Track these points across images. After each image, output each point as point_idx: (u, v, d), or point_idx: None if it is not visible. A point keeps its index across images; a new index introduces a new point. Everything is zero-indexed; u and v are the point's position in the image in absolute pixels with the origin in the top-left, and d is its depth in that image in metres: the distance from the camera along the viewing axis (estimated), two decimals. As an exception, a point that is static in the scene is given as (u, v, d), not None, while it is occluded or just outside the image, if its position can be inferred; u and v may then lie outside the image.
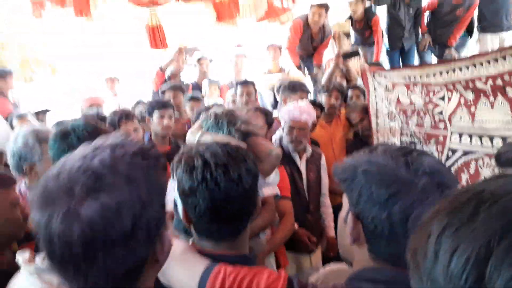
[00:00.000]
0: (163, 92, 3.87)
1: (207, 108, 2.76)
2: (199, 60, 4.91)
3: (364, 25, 5.14)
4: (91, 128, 1.62)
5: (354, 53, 3.89)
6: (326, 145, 3.46)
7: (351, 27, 5.17)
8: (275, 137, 2.83)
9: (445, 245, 0.43)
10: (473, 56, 2.35)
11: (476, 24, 5.30)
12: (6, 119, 3.72)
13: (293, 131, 2.62)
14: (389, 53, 5.45)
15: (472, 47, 5.60)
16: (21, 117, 3.59)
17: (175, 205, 1.15)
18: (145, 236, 0.68)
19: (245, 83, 3.73)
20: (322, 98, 3.50)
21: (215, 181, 1.01)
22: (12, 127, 3.49)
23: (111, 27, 4.77)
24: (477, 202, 0.43)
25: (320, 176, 2.81)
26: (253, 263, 1.11)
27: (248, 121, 1.70)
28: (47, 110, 4.21)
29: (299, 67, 5.10)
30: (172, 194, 1.11)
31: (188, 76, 5.12)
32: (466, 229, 0.42)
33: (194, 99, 3.89)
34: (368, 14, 5.12)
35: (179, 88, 3.90)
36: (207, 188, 1.01)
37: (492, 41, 5.16)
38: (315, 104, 3.27)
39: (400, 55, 5.43)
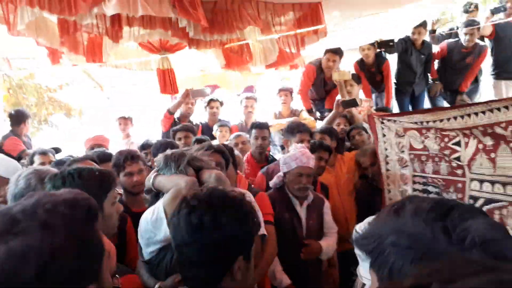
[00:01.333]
0: (175, 133, 3.88)
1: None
2: (209, 102, 4.94)
3: (375, 70, 5.17)
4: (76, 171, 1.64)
5: (353, 103, 3.87)
6: (331, 188, 3.38)
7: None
8: (272, 183, 2.77)
9: None
10: (490, 102, 2.29)
11: (490, 70, 5.32)
12: (18, 157, 3.76)
13: (301, 178, 2.57)
14: (399, 98, 5.44)
15: (484, 93, 5.59)
16: (43, 153, 3.56)
17: None
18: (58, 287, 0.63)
19: (261, 127, 3.72)
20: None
21: None
22: (32, 162, 3.48)
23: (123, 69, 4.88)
24: None
25: (322, 222, 2.74)
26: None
27: (197, 157, 1.79)
28: (59, 149, 4.20)
29: (310, 111, 5.10)
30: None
31: (198, 118, 5.16)
32: None
33: (198, 141, 3.87)
34: (380, 59, 5.16)
35: (190, 130, 3.92)
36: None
37: (507, 87, 5.15)
38: (323, 146, 3.21)
39: (410, 100, 5.42)
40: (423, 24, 5.17)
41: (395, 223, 0.68)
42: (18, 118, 4.51)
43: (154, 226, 1.60)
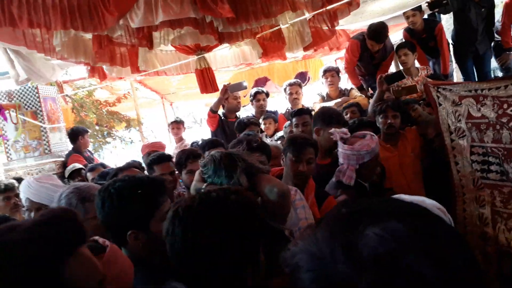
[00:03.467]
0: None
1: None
2: (255, 95, 4.85)
3: (427, 36, 4.72)
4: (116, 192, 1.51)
5: (399, 75, 3.52)
6: (396, 172, 3.11)
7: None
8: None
9: None
10: None
11: None
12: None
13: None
14: (461, 61, 4.91)
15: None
16: (93, 169, 3.75)
17: None
18: None
19: (299, 113, 3.56)
20: (379, 122, 3.20)
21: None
22: (86, 179, 3.70)
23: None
24: None
25: None
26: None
27: (251, 163, 1.56)
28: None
29: (361, 88, 4.80)
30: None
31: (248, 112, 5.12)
32: None
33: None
34: (430, 23, 4.70)
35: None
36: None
37: None
38: (365, 123, 2.97)
39: (474, 62, 4.87)
40: None
41: (307, 241, 0.55)
42: (73, 135, 4.81)
43: None
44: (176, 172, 2.90)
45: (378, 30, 4.28)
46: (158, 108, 10.78)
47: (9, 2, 3.15)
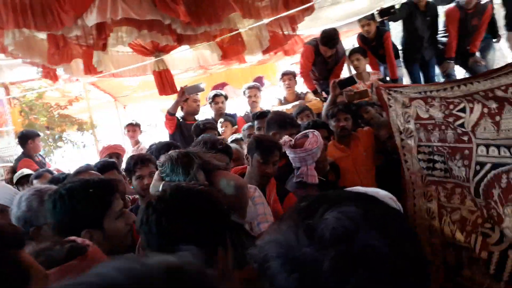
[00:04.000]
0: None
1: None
2: (213, 97, 4.87)
3: (376, 44, 4.97)
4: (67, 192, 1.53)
5: (351, 81, 3.71)
6: (350, 171, 3.28)
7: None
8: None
9: None
10: (488, 72, 2.17)
11: (503, 23, 5.02)
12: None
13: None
14: (409, 66, 5.22)
15: (499, 48, 5.30)
16: (39, 176, 3.61)
17: None
18: None
19: (261, 116, 3.63)
20: (332, 125, 3.36)
21: None
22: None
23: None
24: None
25: None
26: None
27: (207, 160, 1.64)
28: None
29: (316, 92, 4.96)
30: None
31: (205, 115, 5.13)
32: None
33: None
34: (379, 31, 4.96)
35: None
36: None
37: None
38: (319, 125, 3.12)
39: (420, 67, 5.19)
40: None
41: (274, 232, 0.62)
42: (23, 139, 4.60)
43: None
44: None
45: (331, 36, 4.46)
46: (110, 111, 10.49)
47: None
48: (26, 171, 4.04)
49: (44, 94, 6.43)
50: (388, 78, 4.93)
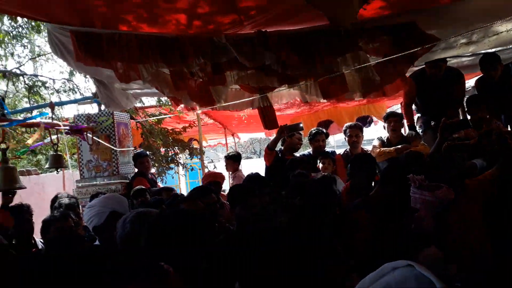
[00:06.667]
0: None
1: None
2: (314, 135, 4.91)
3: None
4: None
5: (464, 124, 3.42)
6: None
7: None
8: None
9: None
10: None
11: None
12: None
13: None
14: None
15: None
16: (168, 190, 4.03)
17: None
18: None
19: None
20: None
21: None
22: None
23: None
24: None
25: None
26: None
27: None
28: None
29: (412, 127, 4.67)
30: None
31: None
32: None
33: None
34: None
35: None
36: None
37: None
38: None
39: None
40: None
41: None
42: (134, 159, 5.21)
43: None
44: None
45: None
46: (221, 138, 11.19)
47: (99, 38, 3.55)
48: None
49: (162, 120, 7.17)
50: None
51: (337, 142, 14.73)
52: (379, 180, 3.01)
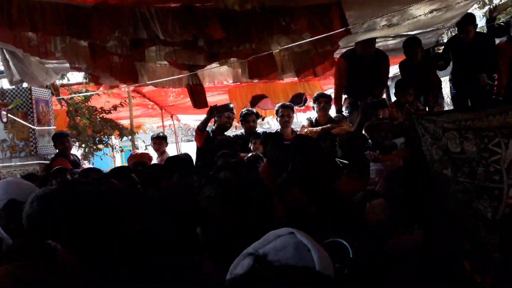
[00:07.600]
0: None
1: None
2: (245, 116, 4.88)
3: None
4: None
5: (382, 104, 3.56)
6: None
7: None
8: None
9: None
10: None
11: None
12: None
13: None
14: None
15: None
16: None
17: None
18: None
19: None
20: None
21: None
22: None
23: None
24: None
25: None
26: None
27: None
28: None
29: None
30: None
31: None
32: None
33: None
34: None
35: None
36: None
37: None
38: None
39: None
40: None
41: None
42: (54, 139, 4.83)
43: None
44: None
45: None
46: (157, 120, 10.81)
47: (9, 5, 3.22)
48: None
49: (90, 98, 6.74)
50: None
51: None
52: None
